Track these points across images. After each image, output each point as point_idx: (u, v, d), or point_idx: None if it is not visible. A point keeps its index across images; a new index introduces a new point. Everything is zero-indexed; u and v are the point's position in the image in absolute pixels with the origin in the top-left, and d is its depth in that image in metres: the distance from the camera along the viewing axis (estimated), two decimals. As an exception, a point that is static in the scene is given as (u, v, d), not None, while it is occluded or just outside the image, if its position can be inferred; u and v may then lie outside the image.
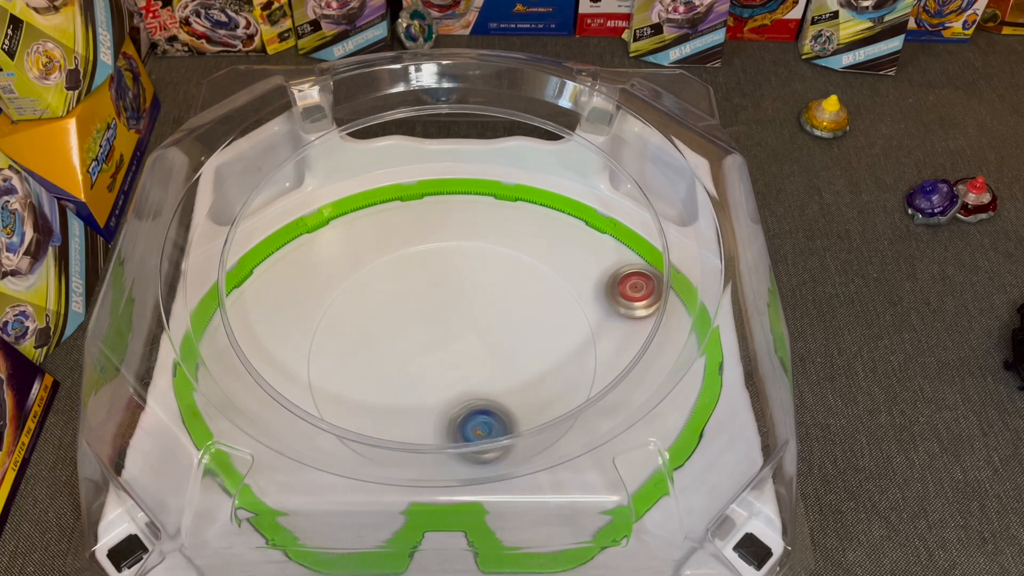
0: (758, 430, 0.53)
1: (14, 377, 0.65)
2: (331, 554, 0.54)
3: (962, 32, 1.00)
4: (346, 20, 0.94)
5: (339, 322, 0.61)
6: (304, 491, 0.50)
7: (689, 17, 0.94)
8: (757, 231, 0.60)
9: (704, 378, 0.55)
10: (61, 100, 0.73)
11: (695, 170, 0.64)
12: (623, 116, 0.67)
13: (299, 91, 0.66)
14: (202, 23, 0.95)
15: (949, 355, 0.73)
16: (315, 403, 0.57)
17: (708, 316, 0.56)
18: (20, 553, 0.62)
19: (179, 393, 0.54)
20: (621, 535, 0.51)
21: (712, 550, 0.50)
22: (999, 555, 0.62)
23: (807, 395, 0.70)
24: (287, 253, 0.65)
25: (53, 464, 0.66)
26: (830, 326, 0.75)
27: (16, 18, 0.68)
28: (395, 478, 0.49)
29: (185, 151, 0.63)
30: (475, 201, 0.68)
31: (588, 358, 0.59)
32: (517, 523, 0.52)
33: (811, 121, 0.90)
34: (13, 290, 0.67)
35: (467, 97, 0.67)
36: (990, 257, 0.80)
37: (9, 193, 0.67)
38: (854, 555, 0.62)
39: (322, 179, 0.68)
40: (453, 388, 0.58)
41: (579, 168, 0.68)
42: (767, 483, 0.51)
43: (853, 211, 0.84)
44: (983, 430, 0.68)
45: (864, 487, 0.65)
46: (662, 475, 0.50)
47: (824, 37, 0.96)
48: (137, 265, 0.58)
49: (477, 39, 1.02)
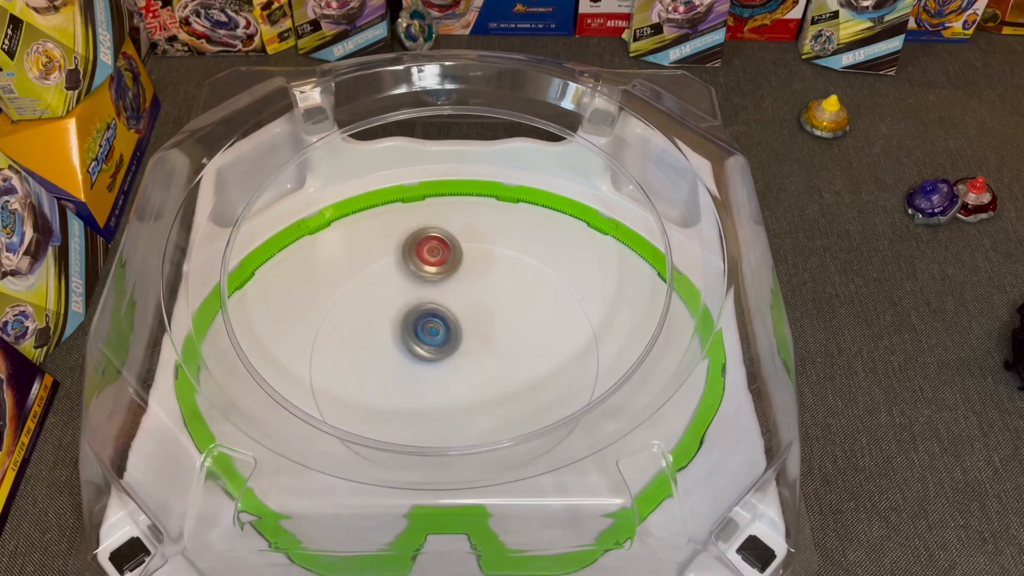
0: (761, 432, 0.53)
1: (14, 377, 0.65)
2: (334, 557, 0.53)
3: (962, 32, 1.00)
4: (346, 20, 0.93)
5: (341, 324, 0.61)
6: (307, 494, 0.50)
7: (689, 17, 0.94)
8: (760, 232, 0.60)
9: (707, 380, 0.55)
10: (61, 100, 0.73)
11: (697, 171, 0.64)
12: (625, 117, 0.67)
13: (300, 92, 0.66)
14: (202, 23, 0.95)
15: (949, 355, 0.73)
16: (317, 405, 0.57)
17: (711, 318, 0.56)
18: (20, 553, 0.61)
19: (181, 395, 0.54)
20: (624, 537, 0.51)
21: (715, 552, 0.50)
22: (999, 555, 0.62)
23: (807, 395, 0.70)
24: (289, 255, 0.65)
25: (53, 464, 0.66)
26: (830, 326, 0.75)
27: (16, 18, 0.68)
28: (398, 481, 0.49)
29: (186, 153, 0.63)
30: (477, 202, 0.68)
31: (591, 360, 0.59)
32: (520, 526, 0.52)
33: (811, 121, 0.90)
34: (13, 290, 0.67)
35: (469, 98, 0.67)
36: (990, 257, 0.80)
37: (9, 193, 0.67)
38: (854, 555, 0.62)
39: (324, 181, 0.68)
40: (455, 390, 0.58)
41: (581, 169, 0.68)
42: (770, 485, 0.51)
43: (853, 211, 0.84)
44: (983, 430, 0.68)
45: (864, 487, 0.65)
46: (665, 477, 0.50)
47: (824, 37, 0.96)
48: (139, 267, 0.58)
49: (477, 39, 1.01)
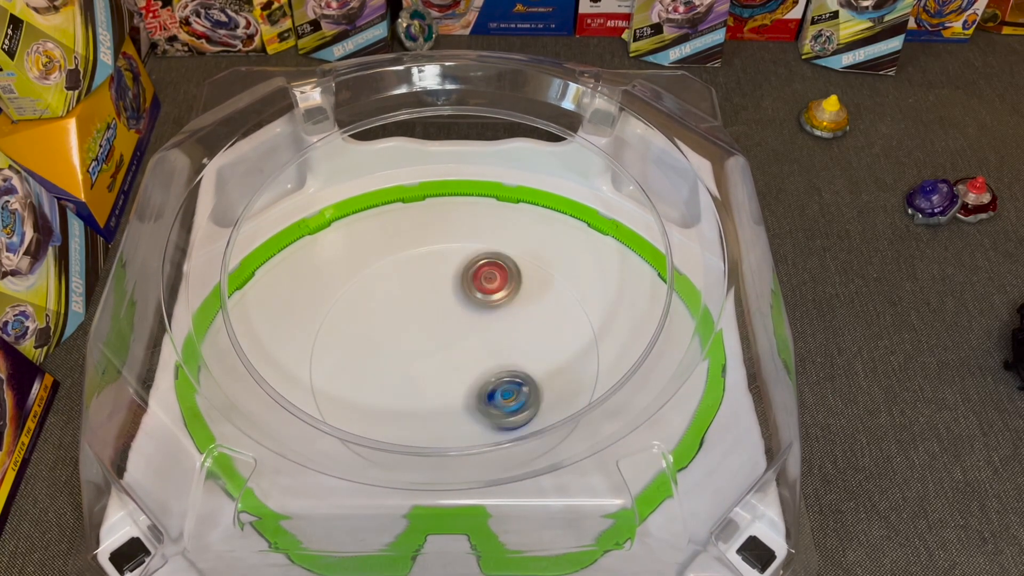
0: (761, 433, 0.53)
1: (14, 377, 0.65)
2: (334, 557, 0.53)
3: (962, 32, 1.00)
4: (346, 20, 0.93)
5: (341, 324, 0.61)
6: (307, 494, 0.50)
7: (689, 17, 0.94)
8: (760, 233, 0.60)
9: (707, 381, 0.55)
10: (61, 100, 0.73)
11: (698, 172, 0.64)
12: (625, 118, 0.67)
13: (301, 93, 0.66)
14: (202, 23, 0.95)
15: (949, 355, 0.73)
16: (317, 406, 0.57)
17: (711, 319, 0.56)
18: (20, 553, 0.61)
19: (181, 395, 0.54)
20: (624, 538, 0.51)
21: (716, 553, 0.50)
22: (999, 555, 0.62)
23: (807, 395, 0.70)
24: (289, 255, 0.65)
25: (53, 464, 0.66)
26: (830, 326, 0.75)
27: (16, 18, 0.68)
28: (398, 481, 0.49)
29: (187, 153, 0.63)
30: (477, 203, 0.68)
31: (591, 361, 0.59)
32: (520, 526, 0.52)
33: (811, 121, 0.90)
34: (13, 290, 0.67)
35: (469, 98, 0.67)
36: (990, 257, 0.80)
37: (9, 193, 0.67)
38: (854, 555, 0.62)
39: (324, 181, 0.68)
40: (455, 390, 0.58)
41: (581, 170, 0.68)
42: (771, 486, 0.51)
43: (853, 211, 0.84)
44: (983, 430, 0.68)
45: (864, 487, 0.65)
46: (665, 478, 0.50)
47: (824, 37, 0.96)
48: (139, 267, 0.58)
49: (477, 39, 1.01)
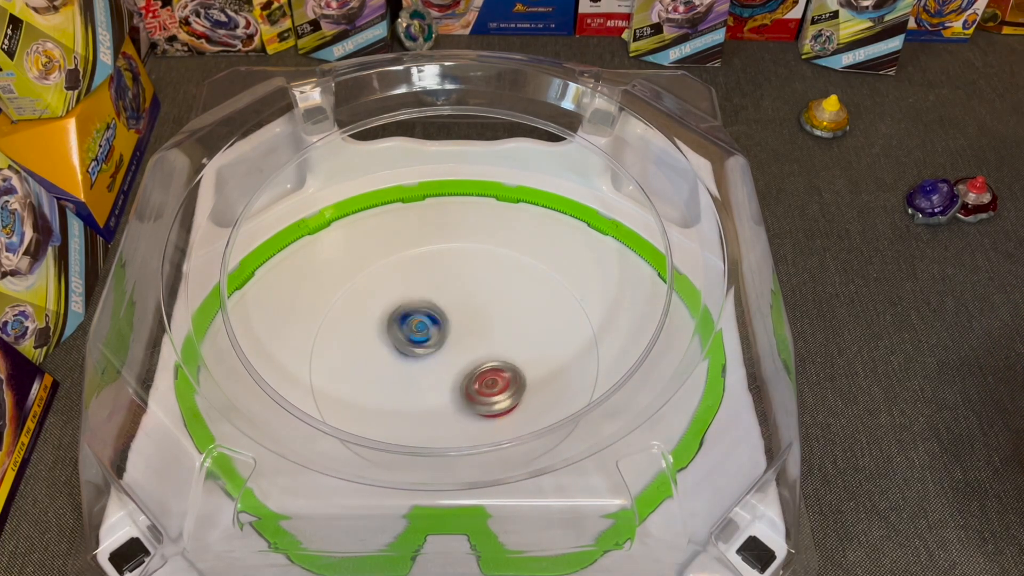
0: (761, 433, 0.53)
1: (14, 377, 0.65)
2: (333, 558, 0.53)
3: (962, 32, 1.00)
4: (346, 20, 0.93)
5: (341, 324, 0.61)
6: (306, 495, 0.50)
7: (689, 17, 0.94)
8: (760, 233, 0.60)
9: (707, 381, 0.55)
10: (61, 100, 0.73)
11: (697, 171, 0.64)
12: (625, 117, 0.67)
13: (300, 93, 0.66)
14: (202, 23, 0.95)
15: (949, 355, 0.73)
16: (317, 406, 0.57)
17: (711, 319, 0.56)
18: (20, 553, 0.61)
19: (181, 396, 0.54)
20: (624, 538, 0.51)
21: (715, 553, 0.50)
22: (999, 555, 0.62)
23: (807, 395, 0.70)
24: (289, 255, 0.65)
25: (53, 464, 0.66)
26: (830, 326, 0.75)
27: (16, 18, 0.68)
28: (397, 481, 0.49)
29: (186, 153, 0.63)
30: (477, 203, 0.68)
31: (591, 361, 0.59)
32: (520, 526, 0.52)
33: (811, 121, 0.90)
34: (13, 290, 0.66)
35: (469, 98, 0.67)
36: (990, 257, 0.80)
37: (9, 193, 0.67)
38: (854, 555, 0.62)
39: (324, 181, 0.68)
40: (455, 390, 0.58)
41: (581, 170, 0.68)
42: (770, 486, 0.51)
43: (853, 211, 0.84)
44: (983, 430, 0.68)
45: (864, 487, 0.65)
46: (665, 478, 0.50)
47: (824, 37, 0.96)
48: (138, 267, 0.58)
49: (477, 39, 1.01)
